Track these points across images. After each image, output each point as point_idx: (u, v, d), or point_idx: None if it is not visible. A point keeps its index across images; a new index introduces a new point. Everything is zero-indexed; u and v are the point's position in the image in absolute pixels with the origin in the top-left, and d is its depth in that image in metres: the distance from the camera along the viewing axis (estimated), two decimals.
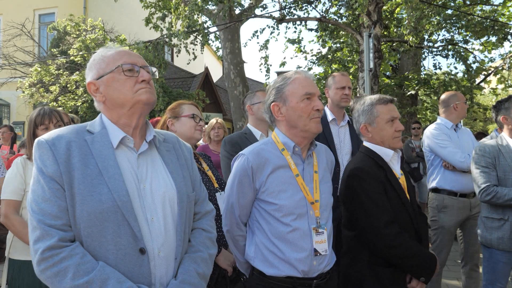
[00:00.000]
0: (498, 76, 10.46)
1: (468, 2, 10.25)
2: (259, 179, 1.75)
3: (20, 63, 12.85)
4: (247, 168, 1.75)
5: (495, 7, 10.17)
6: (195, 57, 8.48)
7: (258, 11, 9.60)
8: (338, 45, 11.07)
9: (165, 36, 8.18)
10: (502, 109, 3.12)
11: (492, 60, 11.29)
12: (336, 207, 3.12)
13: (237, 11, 9.97)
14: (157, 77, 1.54)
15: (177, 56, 8.62)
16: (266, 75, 10.42)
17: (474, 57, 10.94)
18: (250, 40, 9.87)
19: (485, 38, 10.28)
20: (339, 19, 10.03)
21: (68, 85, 10.67)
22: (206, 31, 8.09)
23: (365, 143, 2.27)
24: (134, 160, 1.45)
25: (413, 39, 7.40)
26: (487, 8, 10.52)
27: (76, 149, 1.36)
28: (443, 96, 3.91)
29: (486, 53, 10.87)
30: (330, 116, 3.39)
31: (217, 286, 2.31)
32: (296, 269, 1.71)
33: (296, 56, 11.58)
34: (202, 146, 5.04)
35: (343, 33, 10.28)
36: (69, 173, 1.32)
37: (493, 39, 10.24)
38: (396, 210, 2.07)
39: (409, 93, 10.00)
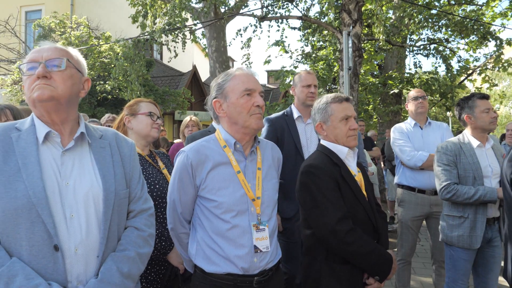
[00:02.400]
0: (483, 75, 10.53)
1: (453, 2, 10.31)
2: (199, 176, 1.74)
3: (3, 60, 12.69)
4: (187, 165, 1.74)
5: (479, 7, 10.24)
6: (176, 55, 8.44)
7: (241, 10, 9.55)
8: (321, 43, 11.08)
9: (146, 34, 8.13)
10: (465, 107, 3.14)
11: (477, 59, 11.37)
12: None
13: (222, 10, 9.94)
14: (63, 68, 1.50)
15: (159, 53, 8.59)
16: None
17: (459, 56, 11.02)
18: (234, 39, 9.85)
19: (470, 38, 10.36)
20: (322, 18, 10.03)
21: None
22: (187, 29, 8.03)
23: (322, 141, 2.26)
24: (58, 157, 1.45)
25: (383, 37, 7.41)
26: (471, 7, 10.60)
27: None
28: None
29: (471, 52, 10.94)
30: (296, 114, 3.39)
31: (169, 284, 2.30)
32: (236, 266, 1.70)
33: (281, 55, 11.57)
34: (177, 144, 5.01)
35: (326, 32, 10.30)
36: None
37: (475, 38, 10.33)
38: (351, 207, 2.05)
39: (392, 91, 10.04)
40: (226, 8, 9.63)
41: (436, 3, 10.16)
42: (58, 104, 1.44)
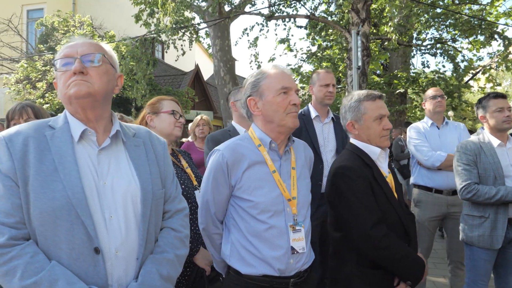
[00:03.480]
0: (487, 75, 10.53)
1: (457, 2, 10.30)
2: (234, 175, 1.71)
3: (6, 59, 12.64)
4: (222, 164, 1.71)
5: (483, 7, 10.23)
6: (184, 52, 8.41)
7: (248, 9, 9.53)
8: (327, 43, 11.06)
9: (153, 32, 8.09)
10: (480, 107, 3.13)
11: (480, 59, 11.37)
12: (321, 205, 3.12)
13: (226, 8, 9.91)
14: (99, 63, 1.45)
15: (166, 52, 8.55)
16: None
17: (463, 56, 11.01)
18: (240, 38, 9.83)
19: (473, 37, 10.36)
20: (329, 17, 10.01)
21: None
22: (194, 27, 8.01)
23: (352, 141, 2.19)
24: (94, 156, 1.40)
25: (396, 37, 7.39)
26: (475, 7, 10.59)
27: (33, 145, 1.32)
28: None
29: (474, 51, 10.94)
30: (313, 113, 3.36)
31: (195, 285, 2.27)
32: (272, 267, 1.67)
33: (286, 54, 11.56)
34: (187, 143, 4.98)
35: (332, 31, 10.28)
36: (24, 169, 1.28)
37: (481, 38, 10.32)
38: (384, 210, 1.99)
39: (397, 91, 10.02)
40: (230, 6, 9.61)
41: (441, 3, 10.15)
42: (95, 100, 1.40)
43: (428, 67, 11.29)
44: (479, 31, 9.67)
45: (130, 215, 1.39)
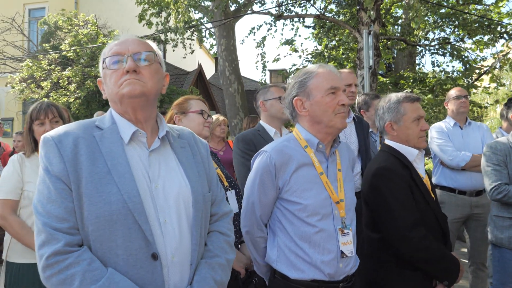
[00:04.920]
0: (490, 75, 10.53)
1: (461, 2, 10.29)
2: (282, 177, 1.67)
3: (9, 58, 12.55)
4: (269, 166, 1.67)
5: (485, 6, 10.23)
6: (193, 51, 8.36)
7: (254, 7, 9.52)
8: (334, 42, 11.03)
9: (161, 31, 8.04)
10: (508, 107, 3.10)
11: (483, 59, 11.36)
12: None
13: (232, 8, 9.86)
14: (151, 62, 1.38)
15: (173, 50, 8.48)
16: (262, 71, 10.37)
17: (467, 56, 11.01)
18: (247, 37, 9.81)
19: (477, 37, 10.36)
20: (337, 17, 9.99)
21: (60, 81, 10.44)
22: (202, 27, 7.97)
23: (388, 142, 2.19)
24: (145, 158, 1.34)
25: (422, 33, 7.37)
26: (479, 7, 10.58)
27: (84, 146, 1.26)
28: None
29: (478, 52, 10.94)
30: None
31: None
32: (322, 272, 1.63)
33: (290, 54, 11.52)
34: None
35: (339, 31, 10.25)
36: (76, 172, 1.22)
37: (485, 38, 10.32)
38: (423, 212, 2.00)
39: (405, 91, 9.98)
40: (236, 6, 9.56)
41: (445, 3, 10.14)
42: (146, 100, 1.34)
43: (439, 66, 11.27)
44: (488, 31, 9.66)
45: (183, 219, 1.33)
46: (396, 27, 11.54)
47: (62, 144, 1.25)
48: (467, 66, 10.30)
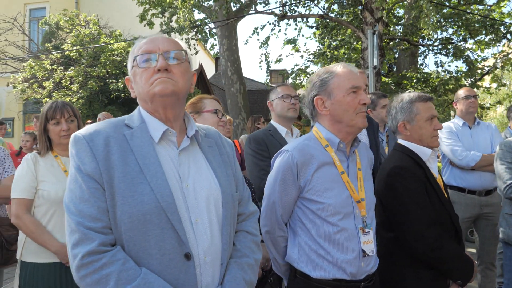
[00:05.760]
0: (491, 75, 10.55)
1: (462, 2, 10.31)
2: (304, 177, 1.67)
3: (11, 58, 12.52)
4: (291, 165, 1.67)
5: (488, 7, 10.25)
6: (197, 51, 8.37)
7: (258, 7, 9.53)
8: (336, 42, 11.03)
9: (165, 31, 8.04)
10: None
11: (484, 59, 11.39)
12: None
13: (234, 8, 9.86)
14: (181, 60, 1.37)
15: None
16: (266, 71, 10.37)
17: (468, 56, 11.03)
18: (251, 37, 9.79)
19: (479, 37, 10.38)
20: (340, 17, 9.99)
21: (63, 81, 10.43)
22: (206, 27, 7.98)
23: (401, 141, 2.19)
24: (175, 157, 1.33)
25: (433, 32, 7.35)
26: (481, 7, 10.60)
27: (115, 145, 1.25)
28: None
29: (479, 52, 10.96)
30: None
31: None
32: (344, 271, 1.63)
33: (292, 54, 11.51)
34: None
35: (341, 31, 10.25)
36: (109, 171, 1.21)
37: (486, 38, 10.34)
38: (437, 211, 2.01)
39: (408, 91, 9.99)
40: (238, 5, 9.56)
41: (447, 3, 10.16)
42: (177, 99, 1.33)
43: (442, 66, 11.30)
44: (491, 31, 9.67)
45: (213, 219, 1.33)
46: (398, 27, 11.56)
47: (93, 143, 1.24)
48: (470, 66, 10.31)
